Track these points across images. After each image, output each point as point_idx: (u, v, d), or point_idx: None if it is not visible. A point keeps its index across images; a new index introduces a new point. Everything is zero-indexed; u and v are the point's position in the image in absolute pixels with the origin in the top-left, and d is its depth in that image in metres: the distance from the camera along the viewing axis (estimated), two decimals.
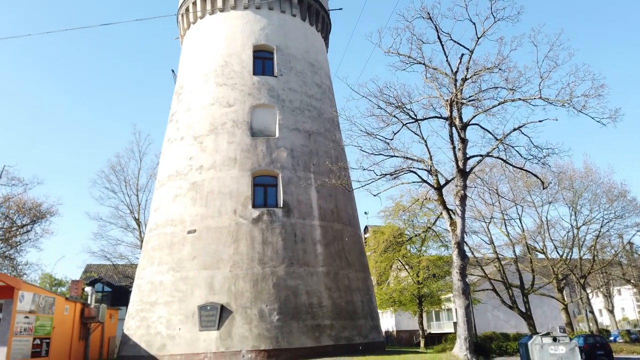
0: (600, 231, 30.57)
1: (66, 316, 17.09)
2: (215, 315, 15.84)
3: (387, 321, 45.65)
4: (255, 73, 20.65)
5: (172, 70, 25.30)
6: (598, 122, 14.03)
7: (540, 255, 32.46)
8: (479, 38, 15.41)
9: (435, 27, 15.27)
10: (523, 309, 28.78)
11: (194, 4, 22.93)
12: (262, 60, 21.28)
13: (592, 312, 36.03)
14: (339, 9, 26.10)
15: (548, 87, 14.93)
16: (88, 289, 21.15)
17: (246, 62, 20.78)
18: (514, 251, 30.56)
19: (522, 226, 30.67)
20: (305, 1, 23.07)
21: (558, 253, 31.59)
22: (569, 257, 31.58)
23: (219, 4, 22.15)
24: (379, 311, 36.07)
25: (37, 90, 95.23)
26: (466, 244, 28.57)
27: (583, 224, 30.49)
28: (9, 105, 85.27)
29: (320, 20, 24.36)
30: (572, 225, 30.81)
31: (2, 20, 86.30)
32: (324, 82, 22.89)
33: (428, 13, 15.24)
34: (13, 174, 27.59)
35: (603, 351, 23.10)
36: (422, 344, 32.85)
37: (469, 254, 27.84)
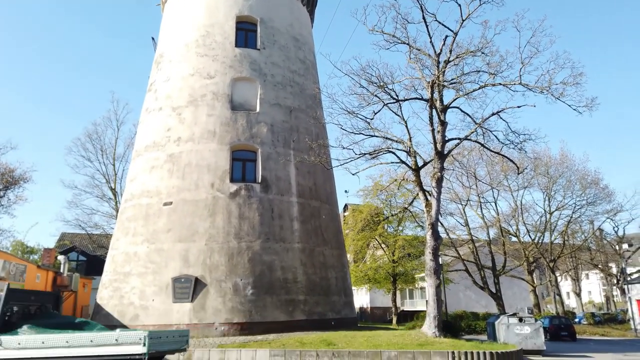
0: (572, 217, 31.43)
1: (37, 284, 16.95)
2: (190, 287, 15.87)
3: (362, 298, 46.47)
4: (237, 45, 20.25)
5: (152, 38, 24.68)
6: (575, 110, 14.24)
7: (513, 239, 33.28)
8: (463, 20, 15.33)
9: (421, 6, 15.12)
10: (494, 290, 29.60)
11: None
12: (245, 32, 20.85)
13: (559, 294, 37.28)
14: None
15: (528, 73, 15.07)
16: (61, 257, 20.96)
17: (228, 33, 20.34)
18: (487, 234, 31.25)
19: (497, 209, 31.34)
20: None
21: (530, 237, 32.45)
22: (540, 241, 32.46)
23: None
24: (354, 288, 36.68)
25: (14, 52, 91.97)
26: (442, 225, 29.09)
27: (556, 210, 31.28)
28: None
29: None
30: (545, 210, 31.60)
31: None
32: (307, 57, 22.60)
33: None
34: None
35: (567, 332, 24.03)
36: (394, 321, 33.63)
37: (444, 235, 28.36)
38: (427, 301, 15.85)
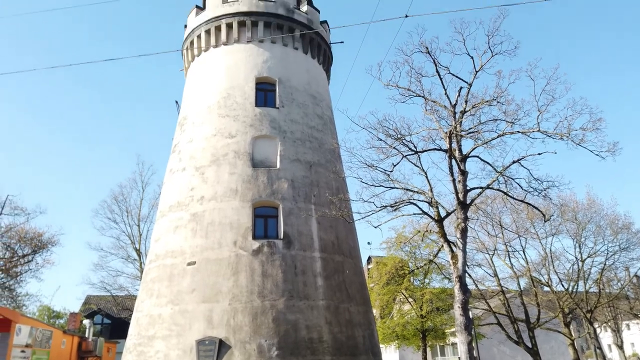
0: (605, 264, 30.17)
1: (63, 350, 16.83)
2: (214, 350, 15.53)
3: (391, 356, 44.65)
4: (257, 105, 20.92)
5: (176, 102, 25.68)
6: (597, 155, 14.02)
7: (546, 288, 31.97)
8: (477, 72, 15.58)
9: (434, 61, 15.47)
10: (529, 344, 28.14)
11: (199, 37, 23.46)
12: (265, 92, 21.59)
13: (600, 347, 35.18)
14: (340, 42, 26.59)
15: (546, 120, 15.01)
16: (86, 321, 20.92)
17: (248, 94, 21.08)
18: (518, 284, 30.13)
19: (526, 258, 30.35)
20: (307, 35, 23.57)
21: (563, 286, 31.13)
22: (574, 291, 31.08)
23: (223, 38, 22.65)
24: (382, 346, 35.34)
25: (43, 121, 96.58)
26: (469, 276, 28.25)
27: (588, 257, 30.12)
28: (14, 133, 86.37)
29: (322, 53, 24.82)
30: (576, 258, 30.44)
31: (11, 53, 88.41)
32: (325, 113, 23.13)
33: (426, 47, 15.47)
34: (16, 204, 27.76)
35: None
36: None
37: (472, 287, 27.45)
38: (459, 358, 15.11)
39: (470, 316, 15.02)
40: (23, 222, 28.40)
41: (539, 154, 14.49)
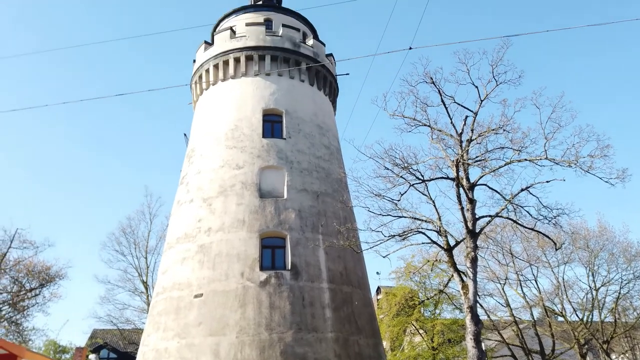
0: (620, 292, 29.47)
1: None
2: None
3: None
4: (264, 136, 21.13)
5: (185, 134, 26.01)
6: (606, 182, 13.92)
7: (560, 318, 31.20)
8: (482, 100, 15.69)
9: (439, 90, 15.63)
10: None
11: (207, 72, 23.94)
12: (272, 124, 21.85)
13: None
14: (346, 74, 26.99)
15: (554, 148, 14.95)
16: (92, 356, 20.66)
17: (256, 126, 21.33)
18: (531, 314, 29.44)
19: (538, 287, 29.74)
20: (313, 68, 23.97)
21: (578, 316, 30.35)
22: (589, 320, 30.29)
23: (231, 72, 23.10)
24: None
25: (52, 154, 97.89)
26: (481, 306, 27.70)
27: (602, 285, 29.45)
28: (24, 167, 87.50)
29: (328, 85, 25.18)
30: (590, 287, 29.77)
31: (21, 89, 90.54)
32: (332, 143, 23.29)
33: (431, 78, 15.67)
34: (25, 237, 27.83)
35: None
36: None
37: (484, 317, 26.87)
38: None
39: (483, 348, 14.64)
40: (31, 256, 28.47)
41: (548, 181, 14.42)
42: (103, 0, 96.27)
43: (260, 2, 28.32)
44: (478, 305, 14.87)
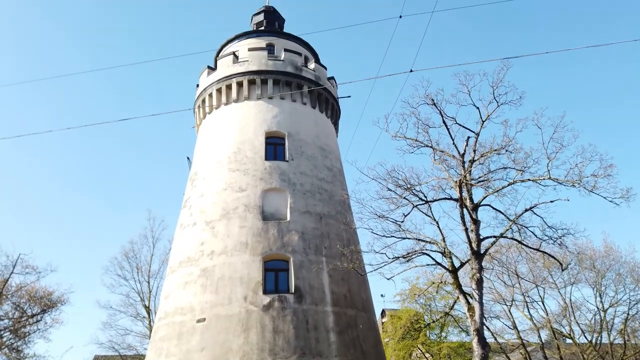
0: (628, 313, 29.01)
1: None
2: None
3: None
4: (267, 158, 21.21)
5: (188, 158, 26.13)
6: (610, 202, 13.87)
7: (568, 341, 30.66)
8: (483, 121, 15.77)
9: (440, 112, 15.72)
10: None
11: (210, 96, 24.20)
12: (274, 146, 21.95)
13: None
14: (348, 97, 27.24)
15: (557, 168, 14.95)
16: None
17: (258, 148, 21.43)
18: (539, 336, 28.94)
19: (545, 309, 29.32)
20: (315, 91, 24.21)
21: (586, 338, 29.82)
22: (598, 342, 29.75)
23: (234, 95, 23.34)
24: None
25: (55, 179, 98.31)
26: (487, 329, 27.30)
27: (610, 306, 29.01)
28: (26, 193, 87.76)
29: (330, 107, 25.38)
30: (598, 308, 29.33)
31: (24, 113, 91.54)
32: (334, 165, 23.34)
33: (432, 99, 15.78)
34: (27, 262, 27.72)
35: None
36: None
37: (491, 340, 26.44)
38: None
39: None
40: (34, 281, 28.31)
41: (552, 201, 14.37)
42: (107, 26, 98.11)
43: (263, 28, 28.80)
44: (485, 327, 14.66)
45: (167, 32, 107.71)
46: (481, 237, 15.02)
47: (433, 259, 15.59)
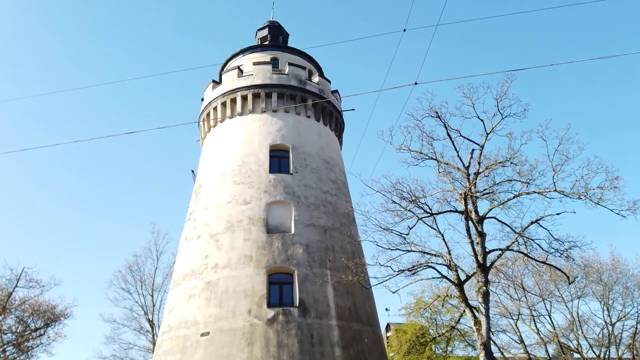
0: (637, 327, 28.63)
1: None
2: None
3: None
4: (271, 171, 21.24)
5: (192, 171, 26.19)
6: (617, 214, 13.78)
7: (576, 355, 30.24)
8: (488, 134, 15.78)
9: (444, 124, 15.76)
10: None
11: (215, 109, 24.34)
12: (278, 159, 22.00)
13: None
14: (352, 110, 27.38)
15: (562, 180, 14.90)
16: None
17: (263, 161, 21.47)
18: (546, 351, 28.60)
19: (552, 323, 29.00)
20: (319, 104, 24.32)
21: (594, 352, 29.40)
22: (607, 357, 29.32)
23: (238, 109, 23.47)
24: None
25: (60, 192, 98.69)
26: (494, 343, 26.97)
27: (618, 320, 28.67)
28: (31, 207, 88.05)
29: (334, 120, 25.47)
30: (605, 322, 29.00)
31: (30, 127, 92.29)
32: (338, 178, 23.34)
33: (436, 112, 15.83)
34: (31, 276, 27.68)
35: None
36: None
37: (498, 355, 26.12)
38: None
39: None
40: (37, 295, 28.26)
41: (558, 214, 14.30)
42: (112, 41, 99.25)
43: (267, 42, 29.07)
44: (491, 341, 14.48)
45: (172, 46, 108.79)
46: (487, 250, 14.92)
47: (438, 271, 15.49)
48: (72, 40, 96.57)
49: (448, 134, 15.82)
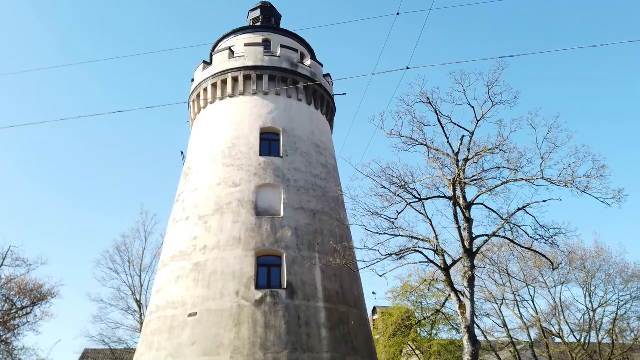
0: (617, 313, 29.32)
1: None
2: None
3: None
4: (261, 154, 21.17)
5: (182, 152, 26.01)
6: (602, 202, 13.99)
7: (557, 340, 30.96)
8: (478, 121, 15.84)
9: (435, 110, 15.77)
10: None
11: (205, 90, 24.09)
12: (269, 142, 21.91)
13: None
14: (343, 94, 27.29)
15: (550, 168, 15.05)
16: None
17: (253, 144, 21.38)
18: (529, 335, 29.23)
19: (535, 308, 29.59)
20: (310, 87, 24.17)
21: (575, 337, 30.13)
22: (587, 342, 30.07)
23: (229, 90, 23.26)
24: None
25: (49, 171, 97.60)
26: (478, 327, 27.48)
27: (599, 306, 29.32)
28: (18, 185, 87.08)
29: (325, 104, 25.37)
30: (587, 308, 29.64)
31: (23, 109, 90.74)
32: (329, 162, 23.34)
33: (428, 98, 15.82)
34: (18, 255, 27.54)
35: None
36: None
37: (481, 338, 26.65)
38: None
39: None
40: (24, 274, 28.14)
41: (544, 201, 14.48)
42: (102, 19, 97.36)
43: (259, 24, 28.71)
44: (475, 325, 14.76)
45: (163, 26, 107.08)
46: (474, 236, 15.10)
47: (425, 256, 15.67)
48: (60, 18, 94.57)
49: (439, 120, 15.86)
